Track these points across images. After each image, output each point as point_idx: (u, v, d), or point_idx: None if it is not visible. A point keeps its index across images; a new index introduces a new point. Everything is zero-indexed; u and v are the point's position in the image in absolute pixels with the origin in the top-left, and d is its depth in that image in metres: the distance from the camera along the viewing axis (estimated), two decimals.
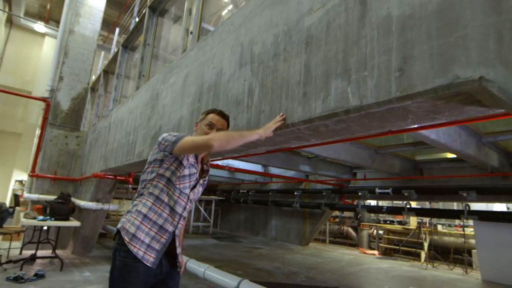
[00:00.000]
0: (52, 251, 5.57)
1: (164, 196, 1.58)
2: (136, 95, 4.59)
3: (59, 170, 7.20)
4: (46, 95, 7.50)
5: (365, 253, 10.32)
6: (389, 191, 7.59)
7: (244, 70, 2.30)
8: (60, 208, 5.39)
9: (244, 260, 7.28)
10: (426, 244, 9.36)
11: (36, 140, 8.48)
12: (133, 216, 1.56)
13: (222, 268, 4.08)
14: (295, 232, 10.83)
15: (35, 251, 5.30)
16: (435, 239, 9.44)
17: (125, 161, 4.36)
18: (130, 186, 6.65)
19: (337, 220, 13.15)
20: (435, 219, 10.28)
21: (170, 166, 1.61)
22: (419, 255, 9.30)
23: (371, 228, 11.28)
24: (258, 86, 2.13)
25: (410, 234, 9.64)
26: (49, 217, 5.23)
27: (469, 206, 6.66)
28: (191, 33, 3.60)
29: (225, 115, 1.85)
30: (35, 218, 5.17)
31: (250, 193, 12.37)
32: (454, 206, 12.04)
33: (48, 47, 14.96)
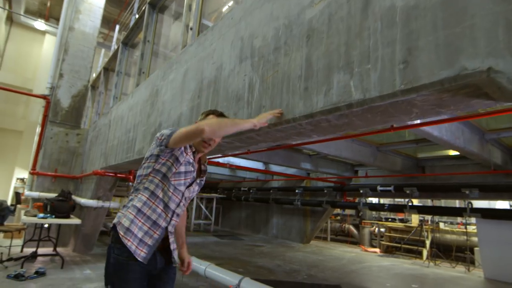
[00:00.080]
0: (53, 249, 5.56)
1: (159, 192, 1.57)
2: (136, 92, 4.56)
3: (60, 167, 7.18)
4: (46, 92, 7.47)
5: (366, 251, 10.30)
6: (391, 188, 7.56)
7: (244, 65, 2.26)
8: (60, 205, 5.39)
9: (245, 258, 7.27)
10: (428, 242, 9.32)
11: (36, 138, 8.47)
12: (128, 211, 1.56)
13: (223, 266, 4.06)
14: (296, 230, 10.81)
15: (36, 249, 5.29)
16: (437, 236, 9.39)
17: (125, 158, 4.34)
18: (130, 184, 6.64)
19: (338, 218, 13.13)
20: (437, 217, 10.23)
21: (166, 162, 1.59)
22: (421, 253, 9.26)
23: (373, 226, 11.25)
24: (258, 81, 2.09)
25: (412, 232, 9.61)
26: (49, 214, 5.23)
27: (471, 204, 6.63)
28: (191, 29, 3.57)
29: (224, 116, 1.82)
30: (36, 216, 5.16)
31: (251, 190, 12.36)
32: (456, 203, 11.99)
33: (49, 45, 14.91)
